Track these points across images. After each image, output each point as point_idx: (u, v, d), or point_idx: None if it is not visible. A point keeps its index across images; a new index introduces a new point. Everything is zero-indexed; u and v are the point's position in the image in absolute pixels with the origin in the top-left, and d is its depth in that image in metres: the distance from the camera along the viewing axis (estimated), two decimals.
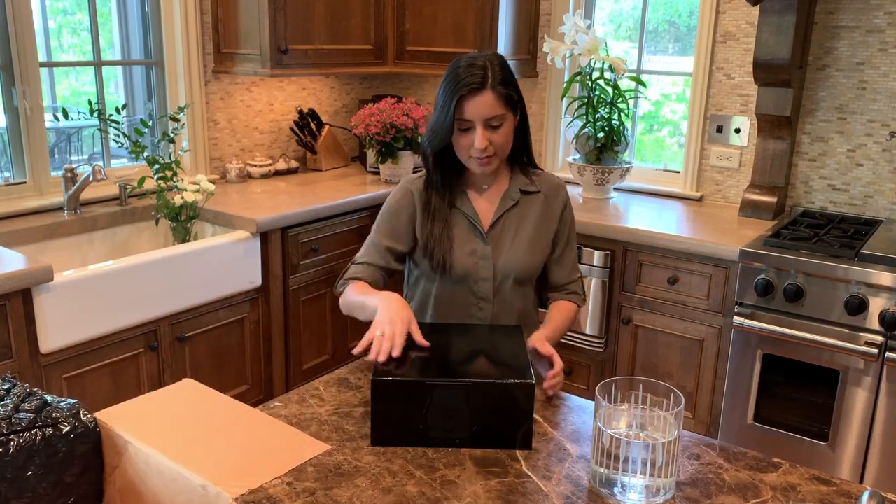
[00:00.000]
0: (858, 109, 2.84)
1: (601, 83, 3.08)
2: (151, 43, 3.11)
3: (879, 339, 2.29)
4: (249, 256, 2.70)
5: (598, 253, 2.78)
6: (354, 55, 3.37)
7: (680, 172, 3.26)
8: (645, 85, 3.22)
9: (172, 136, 2.79)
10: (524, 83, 3.43)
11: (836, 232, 2.63)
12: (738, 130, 3.07)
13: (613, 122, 3.10)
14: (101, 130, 2.92)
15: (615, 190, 3.25)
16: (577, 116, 3.18)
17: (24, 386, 1.25)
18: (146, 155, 2.73)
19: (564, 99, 3.32)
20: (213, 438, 1.26)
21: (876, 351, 2.29)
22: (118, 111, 2.69)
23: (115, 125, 2.68)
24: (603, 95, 3.09)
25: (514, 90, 1.64)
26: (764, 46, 2.71)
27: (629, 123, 3.27)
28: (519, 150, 1.76)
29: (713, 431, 2.68)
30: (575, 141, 3.19)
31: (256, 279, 2.74)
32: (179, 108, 2.82)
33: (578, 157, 3.22)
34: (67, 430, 1.20)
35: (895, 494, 1.19)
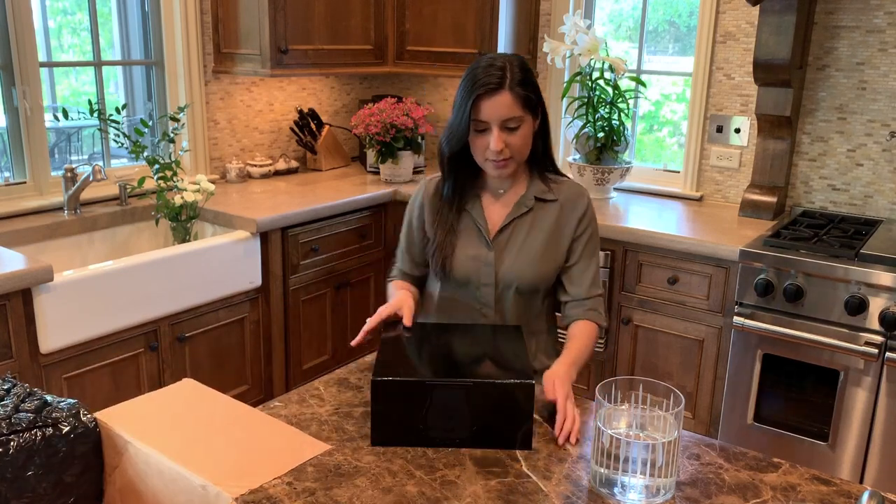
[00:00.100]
0: (858, 109, 2.84)
1: (601, 83, 3.08)
2: (151, 43, 3.11)
3: (879, 339, 2.29)
4: (249, 256, 2.70)
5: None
6: (354, 55, 3.37)
7: (680, 172, 3.26)
8: (645, 85, 3.22)
9: (172, 136, 2.79)
10: None
11: (836, 232, 2.63)
12: (738, 130, 3.07)
13: (613, 122, 3.10)
14: (101, 130, 2.92)
15: (615, 190, 3.25)
16: (577, 116, 3.17)
17: (24, 386, 1.25)
18: (146, 155, 2.73)
19: (564, 99, 3.32)
20: (213, 438, 1.26)
21: (876, 351, 2.29)
22: (118, 111, 2.69)
23: (115, 125, 2.68)
24: (603, 95, 3.09)
25: (532, 92, 1.60)
26: (764, 46, 2.71)
27: (629, 123, 3.27)
28: (540, 155, 1.71)
29: (713, 431, 2.68)
30: (575, 141, 3.19)
31: (256, 279, 2.74)
32: (179, 108, 2.82)
33: (578, 157, 3.22)
34: (67, 430, 1.20)
35: (895, 494, 1.19)
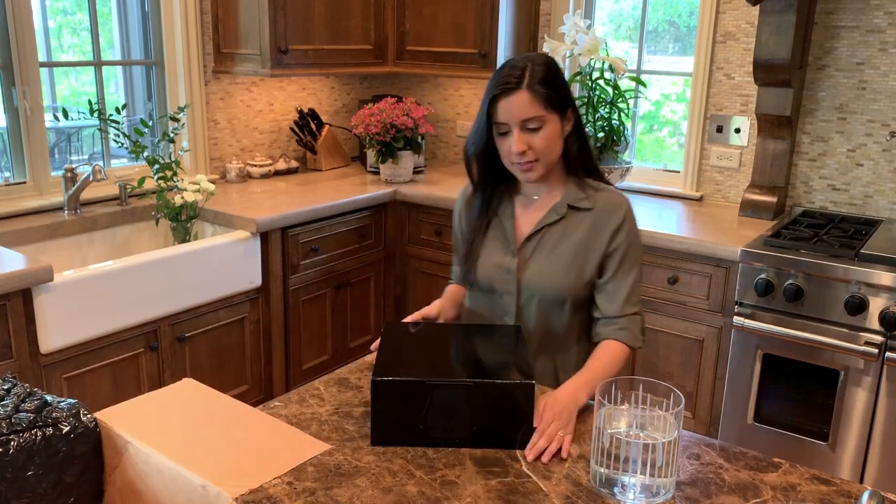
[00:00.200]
0: (858, 109, 2.84)
1: (601, 83, 3.08)
2: (151, 43, 3.11)
3: (879, 338, 2.29)
4: (249, 256, 2.70)
5: None
6: (354, 55, 3.37)
7: (680, 172, 3.26)
8: (645, 85, 3.22)
9: (172, 136, 2.79)
10: None
11: (836, 232, 2.63)
12: (738, 130, 3.07)
13: (613, 122, 3.10)
14: (101, 130, 2.92)
15: None
16: None
17: (24, 386, 1.25)
18: (146, 155, 2.73)
19: None
20: (213, 438, 1.26)
21: (876, 351, 2.29)
22: (118, 111, 2.69)
23: (115, 125, 2.68)
24: (603, 95, 3.09)
25: (555, 90, 1.53)
26: (764, 46, 2.71)
27: (629, 123, 3.27)
28: (575, 159, 1.63)
29: (713, 431, 2.68)
30: None
31: (256, 279, 2.74)
32: (179, 108, 2.82)
33: None
34: (67, 430, 1.20)
35: (895, 494, 1.19)
